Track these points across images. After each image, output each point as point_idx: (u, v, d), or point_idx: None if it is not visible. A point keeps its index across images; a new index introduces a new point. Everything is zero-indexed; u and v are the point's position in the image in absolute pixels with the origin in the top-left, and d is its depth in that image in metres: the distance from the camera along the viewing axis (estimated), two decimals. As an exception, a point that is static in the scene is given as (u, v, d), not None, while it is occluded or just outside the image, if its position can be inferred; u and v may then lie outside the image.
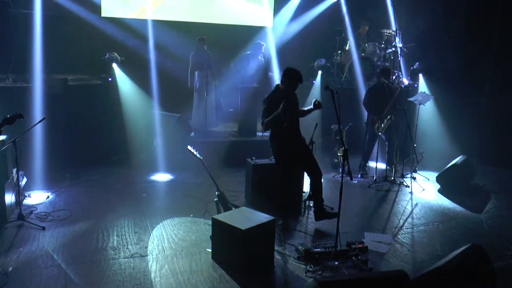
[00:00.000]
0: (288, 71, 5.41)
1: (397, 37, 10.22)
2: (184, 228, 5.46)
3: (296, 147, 5.57)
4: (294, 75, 5.34)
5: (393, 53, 10.38)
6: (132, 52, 8.41)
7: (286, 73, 5.41)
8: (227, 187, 6.72)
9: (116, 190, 6.66)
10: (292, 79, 5.34)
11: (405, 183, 7.59)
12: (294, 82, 5.35)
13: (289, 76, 5.37)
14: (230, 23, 10.17)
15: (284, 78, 5.42)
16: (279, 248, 4.98)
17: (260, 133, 8.91)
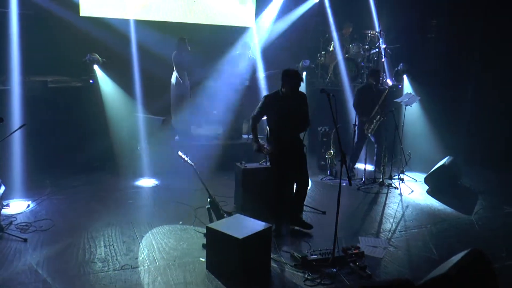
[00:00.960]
0: (284, 72, 5.28)
1: (380, 38, 10.24)
2: (174, 236, 5.27)
3: (290, 152, 5.41)
4: (291, 74, 5.20)
5: (376, 54, 10.39)
6: (114, 53, 8.12)
7: (283, 75, 5.28)
8: (214, 192, 6.47)
9: (100, 197, 6.40)
10: (289, 78, 5.19)
11: (394, 184, 7.57)
12: (291, 82, 5.18)
13: (286, 76, 5.23)
14: (213, 23, 9.98)
15: (282, 80, 5.28)
16: (274, 255, 4.84)
17: (246, 135, 8.78)
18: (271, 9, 10.67)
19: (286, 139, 5.38)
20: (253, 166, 6.19)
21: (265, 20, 10.51)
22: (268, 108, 5.32)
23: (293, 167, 5.46)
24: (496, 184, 7.93)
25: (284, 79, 5.23)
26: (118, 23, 8.60)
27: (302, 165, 5.53)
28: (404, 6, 10.41)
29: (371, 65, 10.45)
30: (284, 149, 5.35)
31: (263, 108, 5.38)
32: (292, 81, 5.17)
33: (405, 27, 10.36)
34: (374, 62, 10.53)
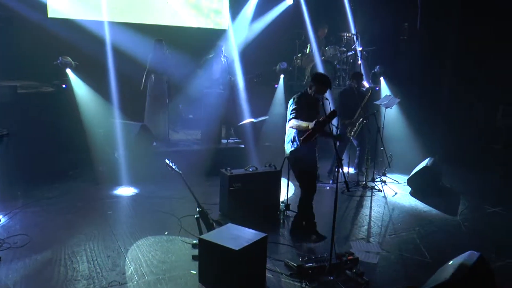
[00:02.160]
0: (315, 74, 5.26)
1: (356, 40, 10.27)
2: (161, 248, 5.01)
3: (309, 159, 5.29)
4: (320, 79, 5.12)
5: (353, 57, 10.42)
6: (88, 56, 7.73)
7: (313, 78, 5.23)
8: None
9: (78, 209, 6.04)
10: (318, 83, 5.09)
11: (377, 187, 7.56)
12: (319, 87, 5.09)
13: (315, 80, 5.14)
14: (187, 25, 9.75)
15: (312, 82, 5.19)
16: (268, 264, 4.67)
17: (225, 140, 8.59)
18: (246, 11, 10.55)
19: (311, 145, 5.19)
20: (239, 172, 5.98)
21: (241, 22, 10.37)
22: (303, 108, 5.13)
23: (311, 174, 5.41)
24: (475, 183, 8.05)
25: (313, 82, 5.16)
26: (91, 24, 8.24)
27: (316, 172, 5.50)
28: (378, 8, 10.49)
29: (346, 67, 10.48)
30: (307, 154, 5.20)
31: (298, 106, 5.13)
32: (320, 87, 5.09)
33: (380, 29, 10.43)
34: (349, 64, 10.55)
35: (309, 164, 5.31)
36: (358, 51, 10.21)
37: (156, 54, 7.89)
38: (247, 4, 10.53)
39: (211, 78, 8.67)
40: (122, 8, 8.96)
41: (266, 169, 6.20)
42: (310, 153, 5.30)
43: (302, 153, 5.20)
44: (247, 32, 10.37)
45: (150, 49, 8.07)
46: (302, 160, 5.25)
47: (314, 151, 5.41)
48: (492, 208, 6.76)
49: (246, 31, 10.41)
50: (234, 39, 9.93)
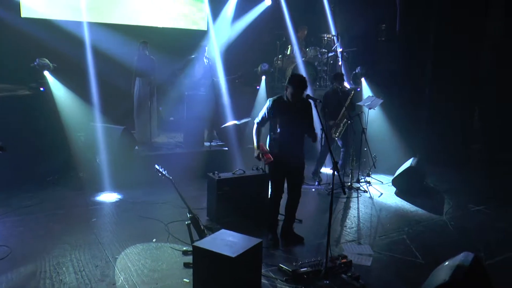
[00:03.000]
0: (289, 77, 5.13)
1: (336, 41, 10.31)
2: (150, 256, 4.85)
3: (290, 160, 5.15)
4: (293, 80, 5.00)
5: (333, 57, 10.44)
6: (67, 57, 7.47)
7: (288, 79, 5.12)
8: (181, 203, 6.13)
9: (60, 217, 5.80)
10: (291, 84, 4.99)
11: (362, 188, 7.58)
12: (293, 89, 4.98)
13: (289, 81, 5.04)
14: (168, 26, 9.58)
15: (287, 84, 5.08)
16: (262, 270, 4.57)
17: (208, 143, 8.45)
18: (227, 12, 10.46)
19: (287, 146, 5.10)
20: (227, 176, 5.88)
21: (221, 23, 10.26)
22: (272, 112, 5.07)
23: (290, 176, 5.28)
24: (456, 182, 8.16)
25: (288, 84, 5.04)
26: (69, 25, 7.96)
27: (299, 177, 5.35)
28: (357, 10, 10.56)
29: (326, 69, 10.50)
30: (284, 156, 5.09)
31: (267, 112, 5.11)
32: (293, 89, 4.97)
33: (359, 30, 10.50)
34: (330, 65, 10.58)
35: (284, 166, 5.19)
36: (339, 52, 10.24)
37: (141, 57, 7.70)
38: (227, 5, 10.44)
39: (192, 79, 8.53)
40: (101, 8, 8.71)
41: (254, 172, 6.12)
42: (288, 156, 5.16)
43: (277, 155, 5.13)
44: (228, 33, 10.26)
45: (131, 51, 7.86)
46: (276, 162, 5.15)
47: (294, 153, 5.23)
48: (476, 207, 6.86)
49: (227, 32, 10.30)
50: (215, 40, 9.79)
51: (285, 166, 5.18)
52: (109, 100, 7.69)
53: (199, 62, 8.52)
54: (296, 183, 5.35)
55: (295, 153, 5.23)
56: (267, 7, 10.70)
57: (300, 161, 5.33)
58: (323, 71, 10.42)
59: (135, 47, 7.96)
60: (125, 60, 7.67)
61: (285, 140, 5.10)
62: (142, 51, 7.83)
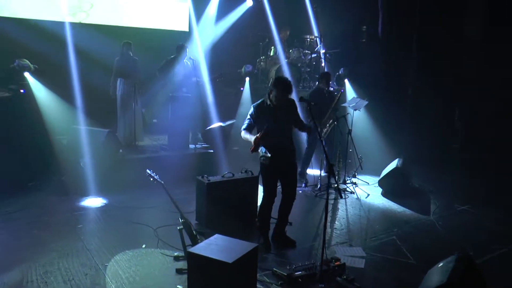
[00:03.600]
0: (275, 80, 5.07)
1: (319, 42, 10.34)
2: (141, 262, 4.73)
3: (281, 163, 5.09)
4: (279, 85, 4.93)
5: (316, 59, 10.46)
6: (48, 58, 7.25)
7: (273, 82, 5.05)
8: (168, 208, 6.11)
9: (44, 223, 5.60)
10: (276, 88, 4.92)
11: (349, 189, 7.60)
12: (278, 93, 4.91)
13: (274, 85, 4.97)
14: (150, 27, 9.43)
15: (271, 87, 5.03)
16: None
17: (193, 145, 8.34)
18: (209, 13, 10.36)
19: (276, 150, 5.01)
20: (216, 179, 5.80)
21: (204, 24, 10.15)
22: (257, 117, 5.00)
23: (283, 177, 5.22)
24: (440, 182, 8.26)
25: (272, 87, 4.98)
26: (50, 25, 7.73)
27: (292, 177, 5.29)
28: (339, 11, 10.61)
29: (309, 70, 10.52)
30: (275, 160, 5.01)
31: (252, 118, 5.05)
32: (278, 92, 4.90)
33: (342, 31, 10.56)
34: (313, 66, 10.60)
35: (276, 170, 5.13)
36: (322, 53, 10.27)
37: (124, 57, 7.54)
38: (209, 6, 10.35)
39: (172, 80, 8.38)
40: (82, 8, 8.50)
41: (243, 175, 6.05)
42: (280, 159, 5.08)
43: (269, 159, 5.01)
44: (210, 34, 10.16)
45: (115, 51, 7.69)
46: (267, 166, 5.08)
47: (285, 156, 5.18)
48: (461, 207, 6.96)
49: (210, 33, 10.20)
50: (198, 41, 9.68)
51: (277, 170, 5.13)
52: (93, 102, 7.50)
53: (179, 63, 8.37)
54: (291, 185, 5.31)
55: (286, 155, 5.18)
56: (249, 8, 10.63)
57: (292, 162, 5.29)
58: (306, 72, 10.42)
59: (119, 48, 7.80)
60: (109, 61, 7.49)
61: (274, 144, 5.04)
62: (126, 51, 7.68)
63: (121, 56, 7.61)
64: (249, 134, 5.02)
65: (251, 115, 5.07)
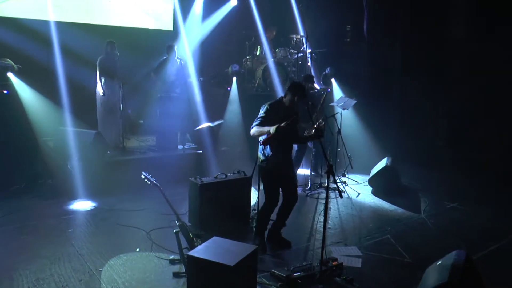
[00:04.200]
0: (291, 85, 5.03)
1: (305, 42, 10.33)
2: (136, 266, 4.62)
3: (285, 166, 5.09)
4: (296, 89, 4.93)
5: (302, 58, 10.45)
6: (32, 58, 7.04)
7: (290, 85, 5.03)
8: (159, 210, 6.07)
9: (32, 228, 5.43)
10: (292, 91, 4.91)
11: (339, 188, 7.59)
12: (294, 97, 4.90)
13: (290, 90, 4.95)
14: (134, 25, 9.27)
15: (288, 91, 4.98)
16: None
17: (181, 146, 8.24)
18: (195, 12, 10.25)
19: (282, 154, 5.01)
20: (209, 180, 5.72)
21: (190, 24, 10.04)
22: (272, 115, 4.91)
23: (284, 182, 5.18)
24: (428, 180, 8.37)
25: (288, 91, 4.97)
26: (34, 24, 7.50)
27: (294, 182, 5.29)
28: (324, 11, 10.63)
29: (295, 69, 10.51)
30: (280, 164, 5.00)
31: (267, 115, 4.92)
32: (294, 96, 4.91)
33: (327, 31, 10.59)
34: (299, 66, 10.59)
35: (280, 174, 5.10)
36: (308, 53, 10.26)
37: (107, 57, 7.39)
38: (194, 5, 10.24)
39: (166, 81, 8.27)
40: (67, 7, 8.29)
41: (236, 176, 5.98)
42: (283, 163, 5.10)
43: (273, 163, 5.00)
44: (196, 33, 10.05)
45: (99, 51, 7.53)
46: (272, 170, 5.05)
47: (288, 160, 5.22)
48: (451, 204, 7.05)
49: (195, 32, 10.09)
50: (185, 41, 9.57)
51: (281, 174, 5.11)
52: (80, 103, 7.32)
53: (171, 63, 8.26)
54: (293, 188, 5.29)
55: (288, 159, 5.22)
56: (235, 8, 10.56)
57: (292, 166, 5.34)
58: (292, 72, 10.41)
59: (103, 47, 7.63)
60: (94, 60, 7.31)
61: (280, 147, 5.01)
62: (110, 51, 7.52)
63: (104, 56, 7.45)
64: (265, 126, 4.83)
65: (265, 112, 4.94)
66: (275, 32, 10.58)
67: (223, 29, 10.31)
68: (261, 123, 4.88)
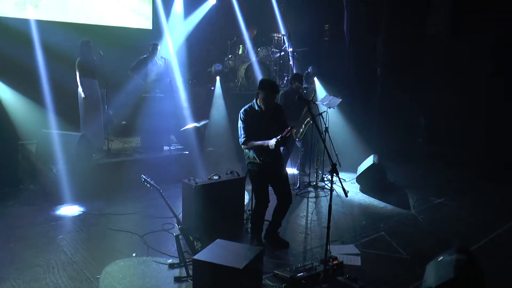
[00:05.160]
0: (260, 82, 4.93)
1: (287, 41, 10.34)
2: (135, 272, 4.48)
3: (272, 167, 5.01)
4: (264, 85, 4.83)
5: (283, 57, 10.45)
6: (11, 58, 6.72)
7: (259, 84, 4.91)
8: (150, 213, 6.01)
9: (20, 236, 5.16)
10: (262, 90, 4.81)
11: (328, 186, 7.63)
12: (266, 94, 4.80)
13: (260, 87, 4.85)
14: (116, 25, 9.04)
15: (258, 90, 4.88)
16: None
17: (167, 147, 8.08)
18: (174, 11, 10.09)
19: (268, 155, 4.92)
20: (204, 182, 5.60)
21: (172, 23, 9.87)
22: (249, 123, 4.86)
23: (276, 182, 5.11)
24: (413, 177, 8.50)
25: (259, 90, 4.86)
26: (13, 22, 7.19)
27: (286, 182, 5.19)
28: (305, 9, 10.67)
29: (276, 68, 10.50)
30: (267, 165, 4.93)
31: (246, 124, 4.87)
32: (266, 93, 4.80)
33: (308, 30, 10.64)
34: (280, 65, 10.58)
35: (271, 174, 5.06)
36: (290, 52, 10.27)
37: (84, 57, 7.15)
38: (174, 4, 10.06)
39: (146, 80, 8.08)
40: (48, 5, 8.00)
41: (230, 176, 5.90)
42: (274, 162, 5.05)
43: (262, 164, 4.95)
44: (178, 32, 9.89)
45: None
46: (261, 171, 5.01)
47: (277, 157, 5.14)
48: (437, 199, 7.17)
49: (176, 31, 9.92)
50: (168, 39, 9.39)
51: (269, 175, 5.06)
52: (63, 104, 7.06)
53: (152, 62, 8.08)
54: (286, 190, 5.21)
55: (276, 160, 5.11)
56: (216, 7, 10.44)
57: (281, 166, 5.27)
58: (274, 71, 10.40)
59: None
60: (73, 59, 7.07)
61: (263, 149, 4.94)
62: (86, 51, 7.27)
63: (80, 56, 7.20)
64: (258, 140, 4.82)
65: (244, 120, 4.89)
66: (256, 31, 10.55)
67: (204, 28, 10.18)
68: (247, 136, 4.84)
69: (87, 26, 8.55)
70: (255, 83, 9.67)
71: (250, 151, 4.99)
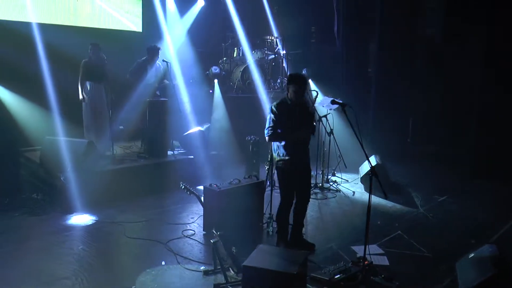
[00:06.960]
0: (289, 76, 5.00)
1: (280, 43, 10.37)
2: (171, 281, 4.31)
3: (300, 166, 5.00)
4: (294, 78, 4.87)
5: (276, 60, 10.47)
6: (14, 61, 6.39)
7: (288, 78, 4.98)
8: (164, 219, 5.96)
9: (36, 248, 4.91)
10: (292, 82, 4.83)
11: (333, 187, 7.69)
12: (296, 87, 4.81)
13: (290, 80, 4.89)
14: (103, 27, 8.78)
15: (288, 84, 4.92)
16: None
17: (171, 151, 7.90)
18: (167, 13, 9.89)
19: (297, 152, 4.93)
20: (227, 187, 5.50)
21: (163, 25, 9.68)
22: (279, 116, 4.83)
23: (301, 179, 5.09)
24: (410, 176, 8.66)
25: (289, 84, 4.87)
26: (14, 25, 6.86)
27: (308, 180, 5.19)
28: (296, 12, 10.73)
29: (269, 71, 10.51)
30: (295, 162, 4.91)
31: (276, 116, 4.84)
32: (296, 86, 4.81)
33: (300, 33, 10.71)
34: (272, 67, 10.60)
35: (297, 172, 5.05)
36: (283, 54, 10.29)
37: (92, 60, 6.92)
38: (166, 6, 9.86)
39: (145, 83, 7.87)
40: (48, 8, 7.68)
41: (249, 180, 5.84)
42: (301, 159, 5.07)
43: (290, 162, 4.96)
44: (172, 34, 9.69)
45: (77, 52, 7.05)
46: (287, 168, 5.01)
47: (304, 153, 5.13)
48: (441, 198, 7.34)
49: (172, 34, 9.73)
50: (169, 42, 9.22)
51: (296, 173, 5.04)
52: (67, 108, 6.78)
53: (151, 65, 7.89)
54: (306, 187, 5.25)
55: (305, 156, 5.12)
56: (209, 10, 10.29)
57: (307, 163, 5.24)
58: (269, 74, 10.41)
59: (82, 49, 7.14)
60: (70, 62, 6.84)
61: (295, 145, 4.95)
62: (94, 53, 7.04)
63: (88, 59, 6.97)
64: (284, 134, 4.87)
65: (274, 114, 4.86)
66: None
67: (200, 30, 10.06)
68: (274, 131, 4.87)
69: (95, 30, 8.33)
70: (251, 86, 9.66)
71: (280, 149, 4.96)
